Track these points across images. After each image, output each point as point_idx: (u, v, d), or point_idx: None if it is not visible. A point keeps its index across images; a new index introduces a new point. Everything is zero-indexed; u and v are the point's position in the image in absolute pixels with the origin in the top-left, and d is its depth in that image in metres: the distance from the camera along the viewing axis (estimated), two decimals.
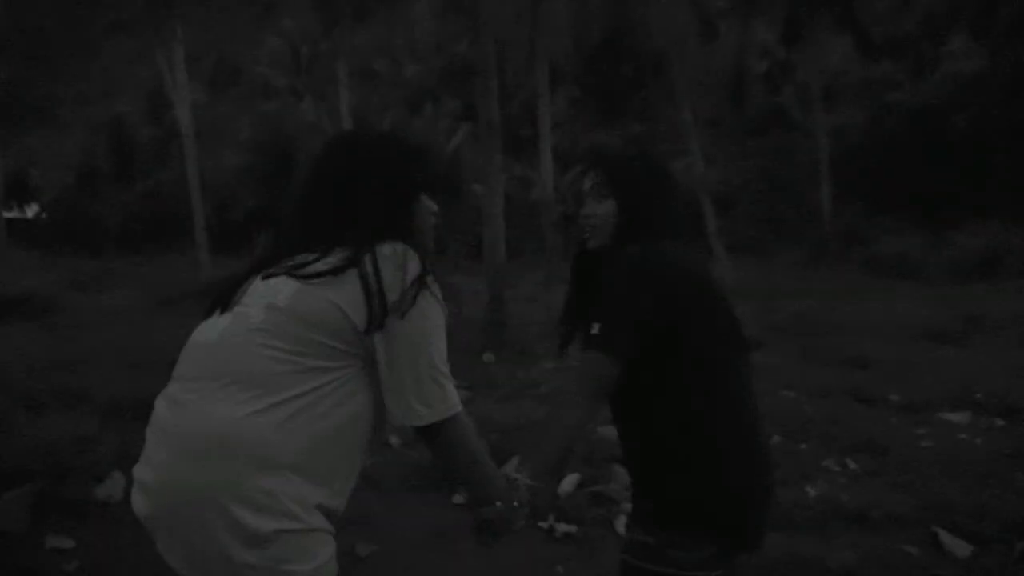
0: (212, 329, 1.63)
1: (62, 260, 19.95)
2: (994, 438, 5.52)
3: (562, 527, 4.00)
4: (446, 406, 1.59)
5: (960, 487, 4.42)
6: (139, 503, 1.57)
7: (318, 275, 1.55)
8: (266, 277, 1.62)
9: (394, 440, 5.20)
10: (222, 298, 1.66)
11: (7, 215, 25.16)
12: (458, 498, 4.29)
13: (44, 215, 30.56)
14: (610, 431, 4.32)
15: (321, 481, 1.54)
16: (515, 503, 1.67)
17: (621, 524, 4.00)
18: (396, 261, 1.55)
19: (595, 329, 1.78)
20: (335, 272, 1.55)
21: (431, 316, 1.57)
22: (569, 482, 4.43)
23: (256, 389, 1.51)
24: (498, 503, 1.67)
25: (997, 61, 20.94)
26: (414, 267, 1.56)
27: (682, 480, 1.80)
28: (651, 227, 1.90)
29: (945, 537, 3.79)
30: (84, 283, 16.04)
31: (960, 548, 3.73)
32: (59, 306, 12.17)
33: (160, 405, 1.62)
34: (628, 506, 4.05)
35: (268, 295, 1.58)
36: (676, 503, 1.80)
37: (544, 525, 4.01)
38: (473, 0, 10.72)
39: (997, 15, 20.97)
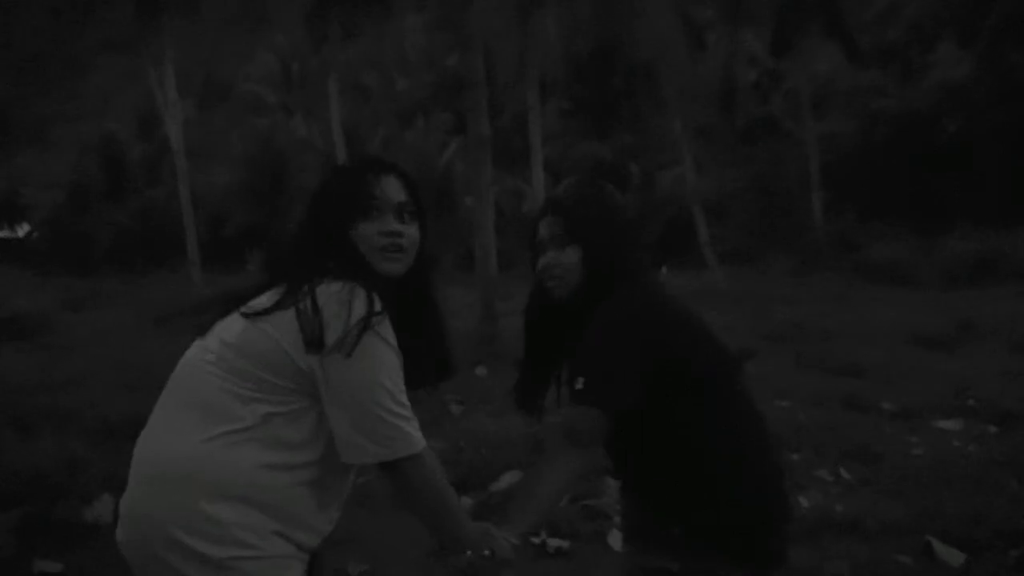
0: (183, 359, 1.65)
1: (53, 279, 19.87)
2: (987, 445, 5.51)
3: (554, 542, 3.98)
4: (403, 445, 1.55)
5: (953, 495, 4.41)
6: (117, 530, 1.59)
7: (259, 313, 1.55)
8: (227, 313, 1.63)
9: None
10: (205, 327, 1.67)
11: None
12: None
13: (35, 234, 30.51)
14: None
15: (274, 512, 1.52)
16: (486, 552, 1.62)
17: (614, 539, 3.98)
18: (340, 298, 1.50)
19: (580, 384, 1.74)
20: (275, 309, 1.53)
21: (377, 356, 1.52)
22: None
23: (208, 418, 1.51)
24: (468, 552, 1.62)
25: (984, 67, 21.07)
26: (359, 306, 1.50)
27: (713, 505, 1.78)
28: (619, 271, 1.87)
29: (938, 546, 3.77)
30: (76, 302, 15.98)
31: (953, 557, 3.71)
32: (50, 325, 12.11)
33: (141, 434, 1.64)
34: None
35: (223, 330, 1.59)
36: (707, 529, 1.79)
37: (536, 540, 3.98)
38: (463, 14, 10.75)
39: (983, 22, 21.12)
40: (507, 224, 22.32)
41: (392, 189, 1.68)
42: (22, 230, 31.18)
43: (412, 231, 1.68)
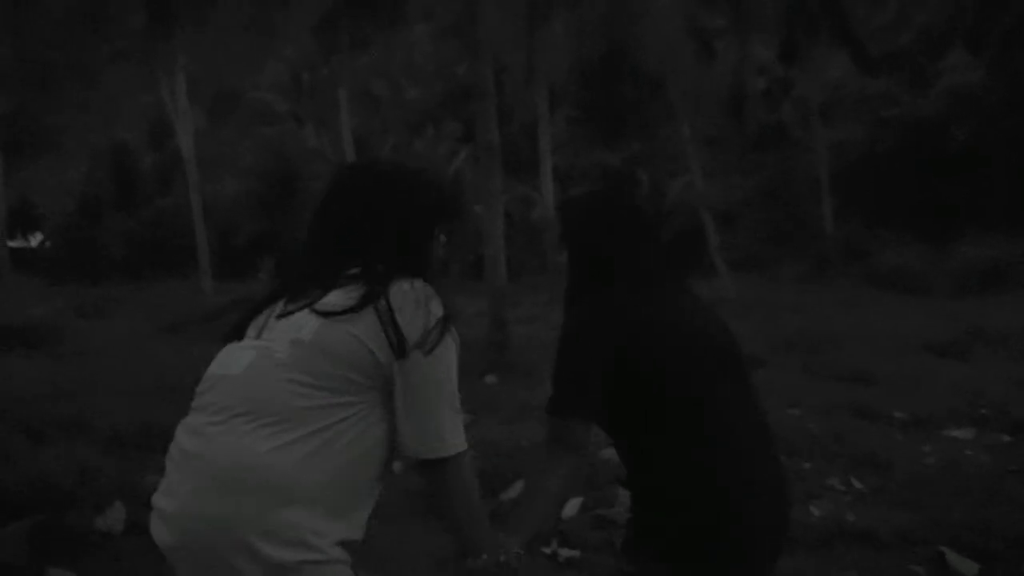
0: (234, 361, 1.63)
1: (65, 288, 19.99)
2: (1000, 454, 5.48)
3: (565, 552, 3.97)
4: (457, 442, 1.62)
5: (966, 504, 4.38)
6: (161, 533, 1.57)
7: (339, 312, 1.58)
8: (284, 315, 1.64)
9: (396, 466, 5.16)
10: (239, 328, 1.69)
11: (11, 244, 25.25)
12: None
13: (47, 243, 30.66)
14: (612, 453, 4.29)
15: (341, 514, 1.55)
16: (501, 558, 1.65)
17: None
18: (416, 298, 1.59)
19: (550, 392, 1.82)
20: (355, 309, 1.58)
21: (450, 355, 1.61)
22: (572, 506, 4.40)
23: (280, 423, 1.53)
24: (484, 555, 1.65)
25: (994, 74, 21.00)
26: (437, 307, 1.60)
27: (649, 513, 1.84)
28: (602, 278, 1.90)
29: (951, 556, 3.75)
30: (87, 310, 16.05)
31: (966, 567, 3.69)
32: (62, 334, 12.14)
33: (181, 435, 1.62)
34: None
35: (292, 330, 1.60)
36: (645, 534, 1.84)
37: (547, 550, 3.98)
38: (471, 23, 10.79)
39: (993, 28, 21.06)
40: (516, 232, 22.33)
41: None
42: (34, 239, 31.36)
43: None
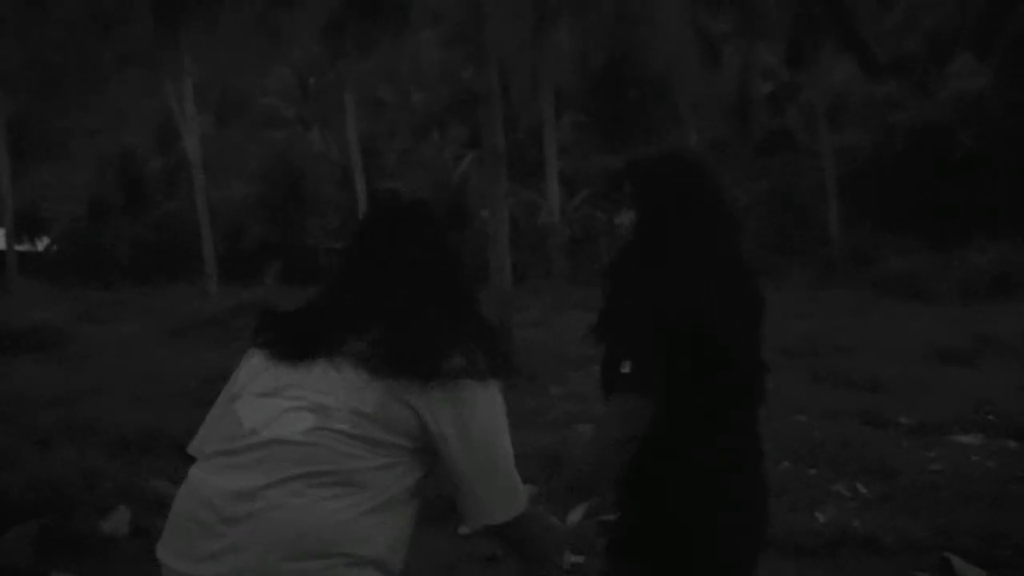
0: (281, 422, 1.51)
1: (72, 291, 20.04)
2: (1006, 460, 5.46)
3: (571, 558, 3.96)
4: (520, 502, 1.57)
5: (972, 511, 4.36)
6: None
7: (392, 374, 1.50)
8: (328, 358, 1.54)
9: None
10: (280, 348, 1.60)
11: (18, 248, 25.35)
12: (464, 530, 4.24)
13: (55, 247, 30.77)
14: None
15: (397, 568, 1.54)
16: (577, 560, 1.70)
17: None
18: (462, 357, 1.50)
19: (626, 368, 1.75)
20: (409, 370, 1.49)
21: (500, 411, 1.54)
22: (577, 512, 4.38)
23: (343, 487, 1.48)
24: (568, 553, 1.69)
25: (1000, 79, 20.96)
26: (483, 362, 1.51)
27: (641, 512, 1.93)
28: (662, 245, 1.88)
29: (957, 563, 3.73)
30: (94, 314, 16.08)
31: (973, 573, 3.67)
32: (68, 338, 12.18)
33: (214, 495, 1.49)
34: None
35: (348, 391, 1.51)
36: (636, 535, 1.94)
37: None
38: (477, 28, 10.80)
39: (999, 33, 21.04)
40: (521, 237, 22.35)
41: None
42: (41, 243, 31.48)
43: None
